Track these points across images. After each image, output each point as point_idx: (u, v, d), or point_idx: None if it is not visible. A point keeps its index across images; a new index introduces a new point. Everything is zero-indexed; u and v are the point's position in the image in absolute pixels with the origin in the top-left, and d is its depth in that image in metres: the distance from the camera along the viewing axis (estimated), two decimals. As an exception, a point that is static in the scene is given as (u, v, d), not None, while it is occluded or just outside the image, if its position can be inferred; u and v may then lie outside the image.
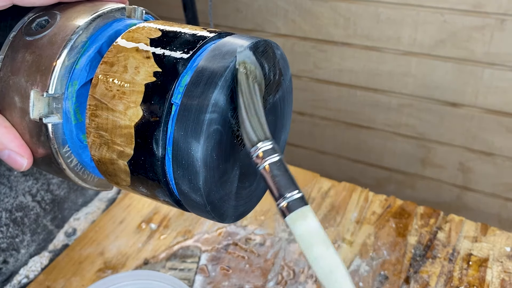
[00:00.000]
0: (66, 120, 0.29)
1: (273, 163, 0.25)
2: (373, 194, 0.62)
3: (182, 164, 0.25)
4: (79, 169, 0.32)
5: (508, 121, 0.98)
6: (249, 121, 0.26)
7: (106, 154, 0.27)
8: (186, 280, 0.51)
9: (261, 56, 0.28)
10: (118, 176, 0.28)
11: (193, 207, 0.28)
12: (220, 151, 0.26)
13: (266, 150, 0.25)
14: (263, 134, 0.26)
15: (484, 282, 0.50)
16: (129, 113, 0.26)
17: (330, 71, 1.12)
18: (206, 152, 0.25)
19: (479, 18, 0.91)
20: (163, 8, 1.25)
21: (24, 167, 0.30)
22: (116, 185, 0.30)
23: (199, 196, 0.26)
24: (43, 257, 0.56)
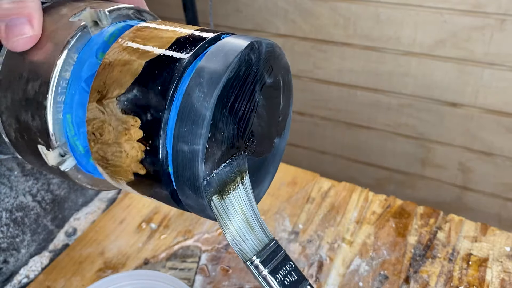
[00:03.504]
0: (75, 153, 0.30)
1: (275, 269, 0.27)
2: (373, 194, 0.62)
3: (190, 207, 0.27)
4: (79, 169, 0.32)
5: (508, 121, 0.98)
6: (240, 238, 0.27)
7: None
8: (186, 280, 0.51)
9: (258, 58, 0.27)
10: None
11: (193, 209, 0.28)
12: (221, 152, 0.26)
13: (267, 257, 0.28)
14: (260, 243, 0.28)
15: (484, 282, 0.50)
16: (132, 167, 0.27)
17: (330, 71, 1.12)
18: (206, 153, 0.25)
19: (479, 18, 0.91)
20: (163, 8, 1.25)
21: (29, 36, 0.27)
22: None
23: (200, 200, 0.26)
24: (44, 257, 0.56)
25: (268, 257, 0.28)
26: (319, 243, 0.55)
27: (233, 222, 0.27)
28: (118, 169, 0.27)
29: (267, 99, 0.29)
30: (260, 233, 0.28)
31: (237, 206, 0.28)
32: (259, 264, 0.28)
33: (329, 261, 0.53)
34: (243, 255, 0.28)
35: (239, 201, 0.28)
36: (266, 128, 0.30)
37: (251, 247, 0.28)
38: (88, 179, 0.32)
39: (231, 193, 0.27)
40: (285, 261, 0.29)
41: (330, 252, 0.54)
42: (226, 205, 0.27)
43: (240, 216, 0.28)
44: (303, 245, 0.55)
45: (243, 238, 0.28)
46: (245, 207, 0.28)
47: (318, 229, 0.57)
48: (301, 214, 0.59)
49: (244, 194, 0.28)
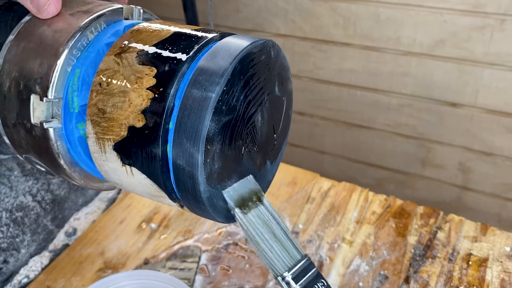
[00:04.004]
0: (67, 114, 0.29)
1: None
2: (373, 194, 0.62)
3: (182, 180, 0.26)
4: (79, 169, 0.32)
5: (508, 121, 0.98)
6: (270, 253, 0.27)
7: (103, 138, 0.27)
8: (186, 280, 0.51)
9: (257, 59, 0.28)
10: None
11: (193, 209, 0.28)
12: (221, 153, 0.26)
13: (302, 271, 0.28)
14: (291, 260, 0.28)
15: (483, 282, 0.50)
16: (130, 119, 0.26)
17: (330, 71, 1.12)
18: (206, 155, 0.25)
19: (479, 18, 0.91)
20: (163, 8, 1.25)
21: (50, 9, 0.30)
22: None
23: (200, 200, 0.26)
24: (44, 257, 0.56)
25: (300, 274, 0.28)
26: (319, 243, 0.55)
27: (262, 237, 0.28)
28: (113, 123, 0.27)
29: (271, 104, 0.30)
30: (292, 250, 0.29)
31: (263, 223, 0.28)
32: (291, 281, 0.28)
33: (329, 261, 0.53)
34: (274, 271, 0.28)
35: (264, 218, 0.28)
36: (265, 136, 0.31)
37: (283, 263, 0.28)
38: (78, 173, 0.31)
39: (252, 210, 0.28)
40: (317, 279, 0.29)
41: (330, 252, 0.54)
42: (251, 221, 0.28)
43: (268, 232, 0.28)
44: (303, 245, 0.55)
45: (273, 253, 0.28)
46: (271, 223, 0.28)
47: (318, 229, 0.57)
48: (301, 214, 0.59)
49: (267, 212, 0.28)
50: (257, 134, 0.29)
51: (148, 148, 0.26)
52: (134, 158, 0.27)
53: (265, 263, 0.28)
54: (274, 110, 0.31)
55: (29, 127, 0.29)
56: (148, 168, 0.27)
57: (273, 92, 0.30)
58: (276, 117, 0.31)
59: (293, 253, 0.28)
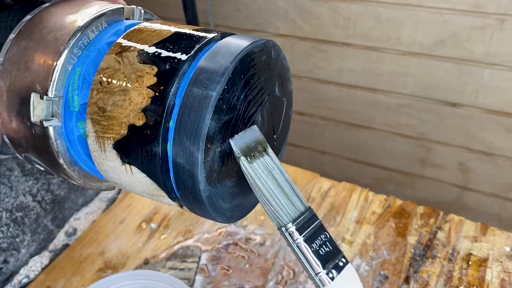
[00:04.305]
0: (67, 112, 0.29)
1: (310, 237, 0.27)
2: (373, 194, 0.62)
3: (182, 179, 0.26)
4: (79, 168, 0.32)
5: (508, 121, 0.98)
6: (275, 203, 0.27)
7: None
8: (186, 280, 0.51)
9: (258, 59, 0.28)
10: None
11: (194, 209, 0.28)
12: (221, 152, 0.26)
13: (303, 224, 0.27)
14: (295, 211, 0.27)
15: (483, 282, 0.50)
16: (130, 117, 0.26)
17: (330, 71, 1.12)
18: (206, 154, 0.25)
19: (479, 18, 0.91)
20: (163, 8, 1.25)
21: None
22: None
23: (200, 200, 0.26)
24: (44, 257, 0.56)
25: (304, 225, 0.28)
26: (319, 243, 0.55)
27: (267, 187, 0.27)
28: (113, 122, 0.27)
29: (271, 104, 0.30)
30: (296, 201, 0.28)
31: (268, 172, 0.27)
32: (295, 231, 0.27)
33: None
34: (278, 221, 0.27)
35: (269, 167, 0.27)
36: (265, 136, 0.31)
37: (287, 213, 0.28)
38: (77, 173, 0.31)
39: (258, 159, 0.27)
40: (320, 231, 0.28)
41: (330, 252, 0.54)
42: (256, 169, 0.27)
43: (273, 182, 0.27)
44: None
45: (278, 203, 0.27)
46: (276, 174, 0.28)
47: (318, 229, 0.57)
48: (301, 214, 0.59)
49: (271, 162, 0.28)
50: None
51: (148, 147, 0.26)
52: (133, 156, 0.27)
53: (268, 213, 0.28)
54: (274, 111, 0.31)
55: (28, 126, 0.29)
56: (147, 167, 0.26)
57: (273, 92, 0.30)
58: (276, 118, 0.31)
59: (297, 205, 0.28)
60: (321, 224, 0.28)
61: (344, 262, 0.29)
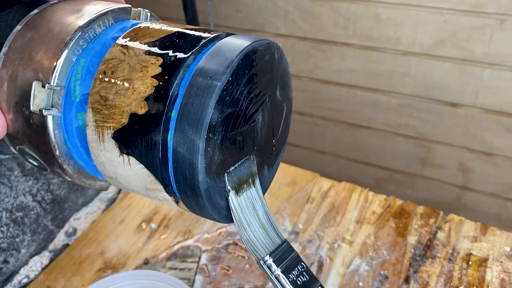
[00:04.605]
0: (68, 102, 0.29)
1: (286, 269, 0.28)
2: (373, 194, 0.62)
3: (181, 169, 0.25)
4: (77, 167, 0.32)
5: (508, 121, 0.98)
6: (253, 237, 0.28)
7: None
8: (186, 280, 0.51)
9: (262, 57, 0.28)
10: None
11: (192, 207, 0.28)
12: (222, 145, 0.26)
13: (279, 257, 0.28)
14: (272, 244, 0.28)
15: (483, 282, 0.50)
16: (132, 106, 0.26)
17: (330, 71, 1.12)
18: (207, 143, 0.25)
19: (479, 18, 0.91)
20: (163, 8, 1.25)
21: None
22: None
23: (199, 197, 0.26)
24: (44, 257, 0.56)
25: (281, 257, 0.29)
26: (319, 243, 0.55)
27: (248, 221, 0.28)
28: (114, 111, 0.27)
29: (272, 107, 0.30)
30: (273, 234, 0.29)
31: (251, 206, 0.28)
32: (272, 264, 0.28)
33: (329, 261, 0.53)
34: (256, 255, 0.29)
35: (253, 200, 0.29)
36: (265, 138, 0.31)
37: (264, 247, 0.29)
38: (72, 167, 0.31)
39: (245, 192, 0.28)
40: (297, 262, 0.29)
41: (330, 252, 0.54)
42: (241, 203, 0.28)
43: (254, 216, 0.29)
44: (303, 245, 0.55)
45: (257, 238, 0.28)
46: (258, 207, 0.29)
47: (318, 229, 0.57)
48: (301, 214, 0.59)
49: (256, 194, 0.29)
50: (257, 135, 0.29)
51: (148, 136, 0.26)
52: (133, 146, 0.27)
53: (247, 246, 0.29)
54: (275, 114, 0.31)
55: (27, 115, 0.29)
56: (146, 157, 0.26)
57: (274, 95, 0.30)
58: (275, 122, 0.31)
59: (274, 238, 0.29)
60: (297, 256, 0.30)
61: None
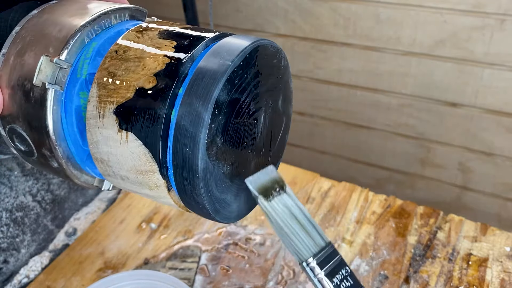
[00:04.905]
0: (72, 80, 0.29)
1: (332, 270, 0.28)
2: (373, 194, 0.62)
3: (181, 143, 0.25)
4: (74, 164, 0.31)
5: (508, 121, 0.98)
6: (295, 239, 0.28)
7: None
8: (186, 280, 0.51)
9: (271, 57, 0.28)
10: None
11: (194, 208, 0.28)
12: (225, 129, 0.26)
13: (326, 257, 0.28)
14: (316, 246, 0.28)
15: (483, 282, 0.50)
16: (140, 81, 0.27)
17: (330, 71, 1.12)
18: (212, 118, 0.25)
19: (479, 18, 0.91)
20: (163, 8, 1.25)
21: None
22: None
23: (200, 197, 0.26)
24: (44, 257, 0.56)
25: (325, 260, 0.28)
26: (319, 243, 0.55)
27: (285, 223, 0.28)
28: (120, 85, 0.27)
29: (273, 113, 0.30)
30: (317, 237, 0.29)
31: (287, 210, 0.28)
32: (316, 266, 0.28)
33: None
34: (299, 256, 0.28)
35: (288, 205, 0.29)
36: (263, 142, 0.31)
37: (307, 249, 0.28)
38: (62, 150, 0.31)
39: (276, 198, 0.28)
40: (341, 266, 0.29)
41: (330, 252, 0.54)
42: (275, 208, 0.28)
43: (291, 218, 0.28)
44: (303, 245, 0.55)
45: (298, 239, 0.28)
46: (295, 211, 0.29)
47: (318, 229, 0.57)
48: (301, 214, 0.59)
49: (290, 200, 0.29)
50: (256, 136, 0.29)
51: (152, 110, 0.25)
52: (134, 121, 0.26)
53: (290, 249, 0.28)
54: (274, 122, 0.31)
55: (28, 89, 0.29)
56: (146, 132, 0.26)
57: (276, 102, 0.30)
58: (274, 130, 0.32)
59: (318, 240, 0.29)
60: (341, 259, 0.29)
61: None
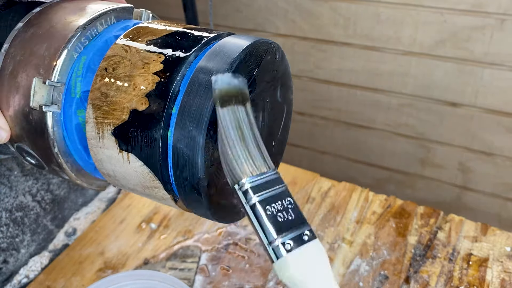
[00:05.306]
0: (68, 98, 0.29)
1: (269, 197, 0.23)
2: (373, 194, 0.62)
3: (181, 165, 0.25)
4: (76, 166, 0.31)
5: (508, 121, 0.98)
6: (231, 155, 0.23)
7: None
8: (186, 280, 0.51)
9: (263, 56, 0.28)
10: None
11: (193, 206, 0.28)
12: (220, 165, 0.26)
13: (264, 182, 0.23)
14: (255, 169, 0.23)
15: (484, 282, 0.50)
16: (133, 102, 0.26)
17: (330, 71, 1.12)
18: (208, 139, 0.25)
19: (479, 18, 0.91)
20: (163, 8, 1.25)
21: (4, 140, 0.30)
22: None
23: (199, 196, 0.26)
24: (43, 257, 0.56)
25: (263, 185, 0.24)
26: (319, 243, 0.55)
27: (228, 135, 0.24)
28: (114, 107, 0.27)
29: (272, 107, 0.30)
30: (259, 159, 0.24)
31: (235, 121, 0.24)
32: (249, 190, 0.23)
33: (329, 261, 0.53)
34: (231, 177, 0.24)
35: (239, 117, 0.24)
36: (264, 140, 0.31)
37: (244, 169, 0.24)
38: (70, 165, 0.31)
39: (231, 106, 0.24)
40: (283, 195, 0.24)
41: (330, 252, 0.54)
42: (225, 115, 0.24)
43: (237, 132, 0.24)
44: (303, 245, 0.55)
45: (235, 156, 0.23)
46: (244, 126, 0.24)
47: (318, 229, 0.57)
48: (301, 214, 0.59)
49: (244, 115, 0.24)
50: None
51: (149, 132, 0.26)
52: (132, 143, 0.26)
53: (224, 166, 0.24)
54: (274, 115, 0.31)
55: (27, 112, 0.29)
56: (146, 154, 0.26)
57: (275, 95, 0.30)
58: (275, 123, 0.32)
59: (259, 162, 0.24)
60: (285, 189, 0.24)
61: (310, 236, 0.24)
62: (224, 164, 0.24)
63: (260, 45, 0.27)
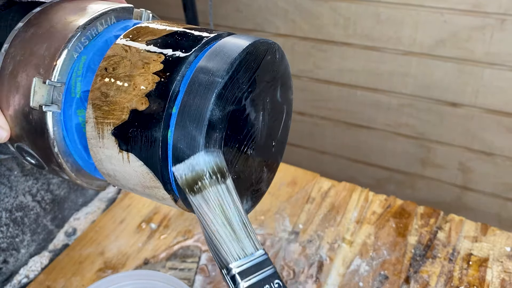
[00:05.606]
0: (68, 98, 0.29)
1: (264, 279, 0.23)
2: (373, 194, 0.62)
3: (182, 155, 0.25)
4: (76, 166, 0.31)
5: (508, 121, 0.98)
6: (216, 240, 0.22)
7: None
8: (186, 280, 0.51)
9: (263, 57, 0.28)
10: None
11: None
12: (222, 143, 0.26)
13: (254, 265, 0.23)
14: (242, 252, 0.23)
15: (484, 282, 0.50)
16: (133, 102, 0.26)
17: (330, 71, 1.12)
18: (208, 139, 0.25)
19: (479, 18, 0.91)
20: (163, 8, 1.25)
21: (4, 139, 0.30)
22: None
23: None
24: (43, 257, 0.56)
25: (250, 269, 0.23)
26: (319, 243, 0.55)
27: (209, 221, 0.23)
28: (114, 107, 0.27)
29: (272, 107, 0.30)
30: (246, 241, 0.24)
31: (218, 205, 0.24)
32: (237, 275, 0.23)
33: (329, 261, 0.53)
34: (218, 261, 0.23)
35: (220, 200, 0.24)
36: (264, 140, 0.30)
37: (230, 254, 0.23)
38: (70, 165, 0.31)
39: (210, 188, 0.24)
40: (271, 278, 0.24)
41: (330, 252, 0.54)
42: (199, 202, 0.24)
43: (220, 216, 0.23)
44: (303, 245, 0.55)
45: (220, 241, 0.23)
46: (227, 207, 0.24)
47: (318, 229, 0.57)
48: (301, 214, 0.59)
49: (226, 194, 0.24)
50: (256, 135, 0.29)
51: (149, 132, 0.26)
52: (132, 143, 0.26)
53: (211, 251, 0.23)
54: (274, 115, 0.31)
55: (27, 112, 0.29)
56: (146, 154, 0.26)
57: (274, 95, 0.30)
58: (275, 123, 0.32)
59: (246, 246, 0.23)
60: (274, 272, 0.24)
61: None
62: (210, 248, 0.23)
63: (260, 45, 0.27)
